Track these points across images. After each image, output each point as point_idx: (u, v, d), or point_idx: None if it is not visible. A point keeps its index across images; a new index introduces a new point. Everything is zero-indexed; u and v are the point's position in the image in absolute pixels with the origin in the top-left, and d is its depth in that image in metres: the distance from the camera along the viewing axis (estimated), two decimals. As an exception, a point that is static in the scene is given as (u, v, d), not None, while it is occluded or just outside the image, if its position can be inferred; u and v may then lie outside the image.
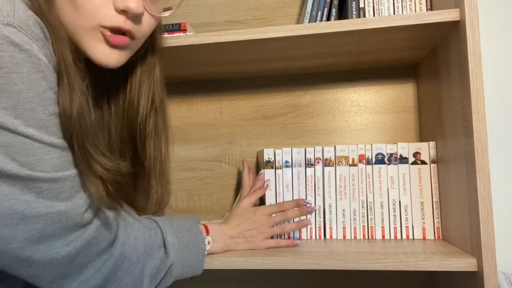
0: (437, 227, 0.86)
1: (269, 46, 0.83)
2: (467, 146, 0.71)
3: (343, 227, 0.89)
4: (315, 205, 0.90)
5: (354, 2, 0.89)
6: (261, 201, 0.90)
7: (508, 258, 0.99)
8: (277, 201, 0.91)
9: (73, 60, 0.53)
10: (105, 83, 0.69)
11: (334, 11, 0.90)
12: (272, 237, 0.82)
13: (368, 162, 0.89)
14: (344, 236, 0.89)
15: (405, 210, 0.87)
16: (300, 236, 0.90)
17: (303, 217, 0.86)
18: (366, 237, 0.88)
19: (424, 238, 0.86)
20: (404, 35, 0.79)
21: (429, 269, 0.69)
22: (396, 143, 0.88)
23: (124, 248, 0.60)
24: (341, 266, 0.71)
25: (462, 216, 0.74)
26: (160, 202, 0.73)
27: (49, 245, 0.51)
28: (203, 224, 0.76)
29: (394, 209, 0.88)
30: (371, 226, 0.88)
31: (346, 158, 0.89)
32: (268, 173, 0.91)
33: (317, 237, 0.90)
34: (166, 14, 0.63)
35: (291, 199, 0.90)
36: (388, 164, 0.88)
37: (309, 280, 1.04)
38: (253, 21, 1.10)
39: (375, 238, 0.88)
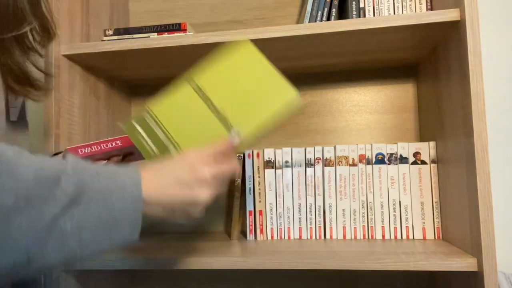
0: (437, 227, 0.86)
1: (269, 46, 0.83)
2: (467, 146, 0.71)
3: (343, 227, 0.89)
4: (315, 204, 0.90)
5: (354, 2, 0.89)
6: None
7: (508, 258, 0.99)
8: (277, 202, 0.91)
9: None
10: None
11: (334, 11, 0.90)
12: None
13: (368, 162, 0.89)
14: (344, 236, 0.89)
15: (405, 210, 0.87)
16: (300, 237, 0.90)
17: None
18: (366, 237, 0.88)
19: (424, 238, 0.86)
20: (404, 35, 0.79)
21: (429, 269, 0.69)
22: (396, 143, 0.88)
23: None
24: (341, 266, 0.71)
25: (462, 216, 0.74)
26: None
27: None
28: None
29: (394, 209, 0.88)
30: (371, 226, 0.88)
31: (346, 158, 0.89)
32: (268, 173, 0.91)
33: (317, 237, 0.90)
34: None
35: (291, 199, 0.90)
36: (388, 164, 0.88)
37: (309, 280, 1.04)
38: (253, 21, 1.10)
39: (375, 238, 0.88)
